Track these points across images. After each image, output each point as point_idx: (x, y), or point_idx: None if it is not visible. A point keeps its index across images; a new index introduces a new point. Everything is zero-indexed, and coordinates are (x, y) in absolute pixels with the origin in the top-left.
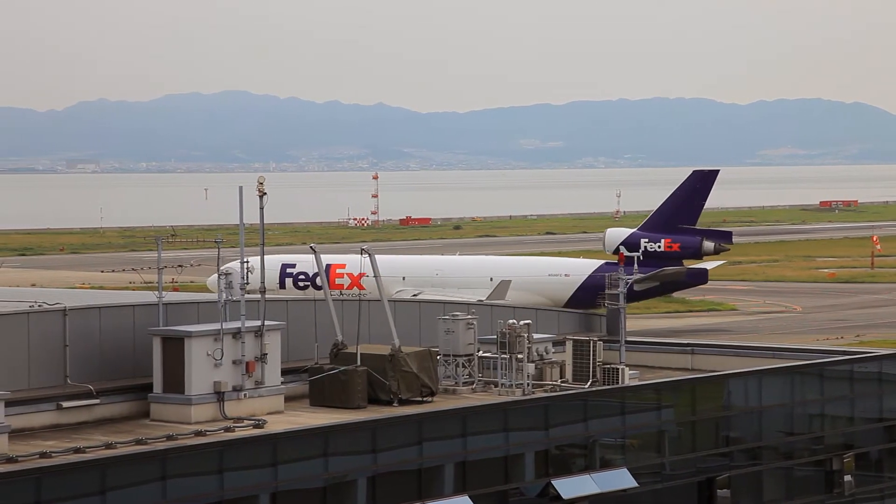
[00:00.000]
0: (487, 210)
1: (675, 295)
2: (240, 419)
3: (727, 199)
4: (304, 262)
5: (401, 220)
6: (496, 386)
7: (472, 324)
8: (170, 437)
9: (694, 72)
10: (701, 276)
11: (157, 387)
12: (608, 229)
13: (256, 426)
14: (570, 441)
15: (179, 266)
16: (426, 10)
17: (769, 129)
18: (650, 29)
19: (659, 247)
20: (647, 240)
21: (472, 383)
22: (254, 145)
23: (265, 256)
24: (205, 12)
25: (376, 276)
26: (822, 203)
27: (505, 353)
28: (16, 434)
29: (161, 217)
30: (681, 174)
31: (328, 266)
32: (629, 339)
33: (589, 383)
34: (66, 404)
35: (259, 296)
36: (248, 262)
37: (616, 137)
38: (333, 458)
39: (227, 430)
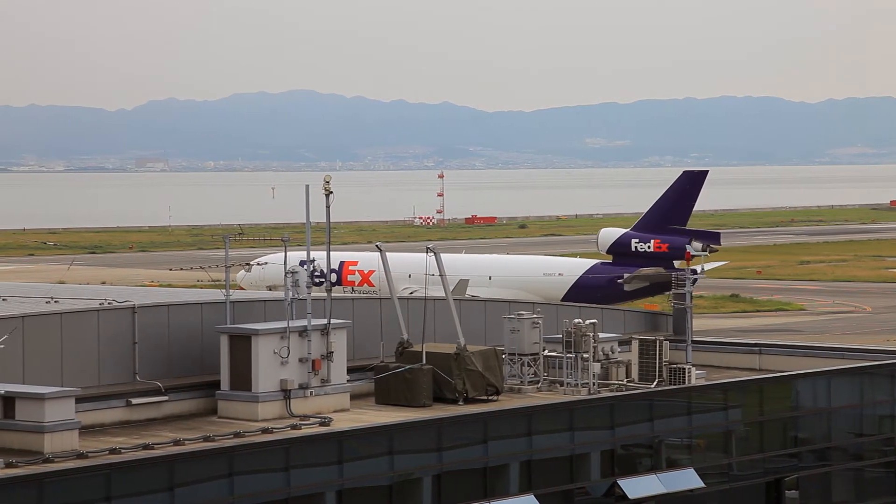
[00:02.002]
0: (554, 209)
1: (743, 294)
2: (306, 417)
3: (796, 198)
4: (322, 260)
5: (466, 218)
6: (562, 385)
7: (538, 323)
8: (237, 435)
9: (762, 70)
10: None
11: (225, 384)
12: (602, 229)
13: (322, 424)
14: (636, 441)
15: (247, 265)
16: (491, 12)
17: (839, 128)
18: (717, 27)
19: (649, 247)
20: (637, 240)
21: (538, 382)
22: (320, 144)
23: (287, 253)
24: (271, 13)
25: (441, 275)
26: (892, 202)
27: (571, 352)
28: (86, 430)
29: (228, 215)
30: (748, 173)
31: (342, 263)
32: (696, 338)
33: (655, 383)
34: (135, 401)
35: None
36: (314, 260)
37: (683, 136)
38: (399, 457)
39: (294, 427)
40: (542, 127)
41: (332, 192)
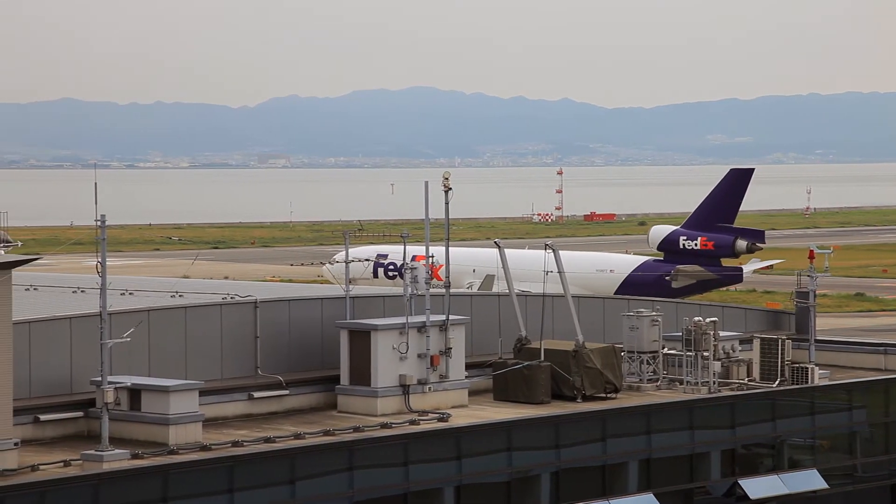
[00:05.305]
0: (673, 206)
1: (868, 293)
2: (424, 412)
3: None
4: (396, 253)
5: (585, 215)
6: (681, 384)
7: (658, 321)
8: (356, 429)
9: (889, 65)
10: (735, 277)
11: (344, 379)
12: (653, 227)
13: (441, 420)
14: (758, 440)
15: (366, 260)
16: (610, 10)
17: None
18: (844, 22)
19: (696, 245)
20: (685, 237)
21: (657, 380)
22: (439, 141)
23: (364, 247)
24: (392, 12)
25: (560, 271)
26: None
27: (690, 350)
28: (209, 423)
29: (349, 211)
30: (874, 169)
31: (413, 257)
32: (819, 338)
33: (777, 382)
34: (256, 395)
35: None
36: (433, 256)
37: (807, 133)
38: (517, 453)
39: (412, 423)
40: (663, 123)
41: (451, 189)
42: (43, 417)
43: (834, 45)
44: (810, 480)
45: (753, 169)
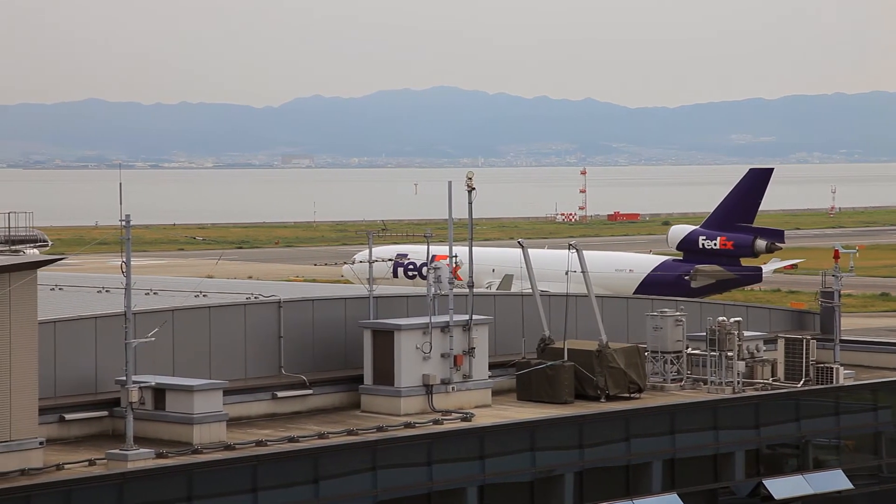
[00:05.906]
0: (696, 206)
1: (894, 293)
2: (448, 412)
3: None
4: (416, 253)
5: (608, 215)
6: (705, 383)
7: (681, 321)
8: (380, 429)
9: None
10: (754, 277)
11: (368, 378)
12: (672, 227)
13: (464, 419)
14: (782, 441)
15: (388, 260)
16: (631, 8)
17: None
18: (869, 20)
19: (715, 244)
20: (704, 237)
21: (681, 380)
22: (463, 140)
23: (383, 247)
24: (415, 13)
25: (584, 271)
26: None
27: (715, 350)
28: (233, 422)
29: (372, 211)
30: None
31: (433, 257)
32: (844, 338)
33: (801, 382)
34: (280, 394)
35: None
36: (456, 256)
37: (831, 132)
38: (540, 453)
39: (436, 422)
40: (687, 123)
41: (474, 189)
42: (68, 417)
43: (858, 44)
44: (835, 481)
45: (773, 169)
